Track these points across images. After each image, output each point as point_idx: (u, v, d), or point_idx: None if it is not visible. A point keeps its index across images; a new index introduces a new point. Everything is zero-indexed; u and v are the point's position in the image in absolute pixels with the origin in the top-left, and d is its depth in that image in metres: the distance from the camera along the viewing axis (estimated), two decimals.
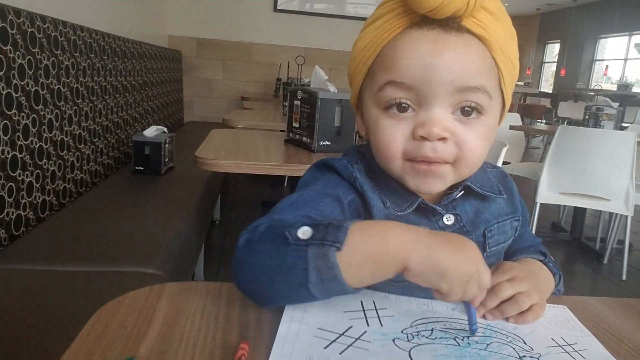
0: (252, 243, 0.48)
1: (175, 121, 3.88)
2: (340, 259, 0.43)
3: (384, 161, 0.55)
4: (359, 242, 0.44)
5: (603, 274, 2.56)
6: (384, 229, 0.46)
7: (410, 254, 0.44)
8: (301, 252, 0.43)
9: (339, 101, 1.58)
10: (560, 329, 0.51)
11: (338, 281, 0.43)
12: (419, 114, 0.52)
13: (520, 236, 0.65)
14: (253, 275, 0.47)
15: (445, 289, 0.44)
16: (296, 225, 0.45)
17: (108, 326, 0.45)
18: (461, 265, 0.44)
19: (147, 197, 1.86)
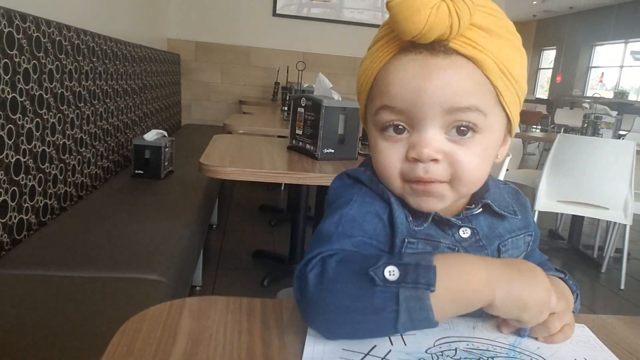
0: (327, 280, 0.46)
1: (173, 124, 3.87)
2: (432, 299, 0.44)
3: (385, 182, 0.56)
4: (448, 283, 0.45)
5: (601, 283, 2.57)
6: (466, 267, 0.47)
7: (495, 292, 0.46)
8: (390, 294, 0.44)
9: (343, 109, 1.58)
10: (583, 349, 0.51)
11: (429, 321, 0.45)
12: (412, 135, 0.53)
13: (531, 252, 0.65)
14: (333, 315, 0.46)
15: (526, 320, 0.48)
16: (379, 264, 0.45)
17: (133, 344, 0.45)
18: (539, 296, 0.47)
19: (147, 202, 1.85)
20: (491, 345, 0.50)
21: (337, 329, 0.47)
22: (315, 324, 0.48)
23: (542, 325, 0.51)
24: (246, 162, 1.46)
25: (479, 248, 0.58)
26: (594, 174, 2.37)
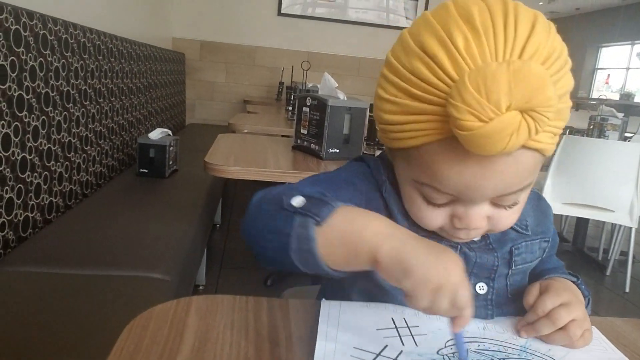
0: (261, 202, 0.50)
1: (177, 123, 3.87)
2: (318, 234, 0.44)
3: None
4: (339, 223, 0.45)
5: (606, 286, 2.55)
6: (367, 218, 0.46)
7: (382, 245, 0.43)
8: (289, 218, 0.45)
9: (349, 109, 1.58)
10: (594, 352, 0.51)
11: (314, 255, 0.44)
12: (457, 206, 0.51)
13: (548, 258, 0.64)
14: (254, 230, 0.50)
15: (408, 288, 0.42)
16: (295, 194, 0.47)
17: (140, 342, 0.45)
18: (430, 269, 0.41)
19: (152, 200, 1.85)
20: (502, 346, 0.50)
21: (254, 244, 0.50)
22: (244, 237, 0.51)
23: (564, 332, 0.51)
24: (251, 161, 1.46)
25: (488, 251, 0.58)
26: (599, 176, 2.36)
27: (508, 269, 0.59)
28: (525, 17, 0.45)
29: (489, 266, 0.57)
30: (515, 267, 0.59)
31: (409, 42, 0.48)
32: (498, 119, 0.40)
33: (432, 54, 0.45)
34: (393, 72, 0.50)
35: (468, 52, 0.44)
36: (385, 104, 0.51)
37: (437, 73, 0.45)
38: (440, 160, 0.47)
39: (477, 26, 0.44)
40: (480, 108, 0.40)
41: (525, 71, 0.40)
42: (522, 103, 0.40)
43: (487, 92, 0.40)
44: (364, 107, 1.61)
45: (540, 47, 0.44)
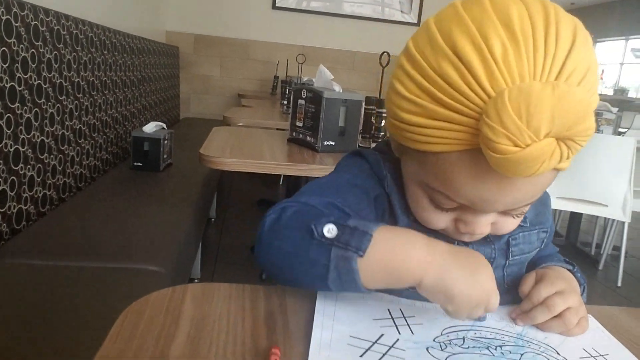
0: (279, 226, 0.49)
1: (171, 117, 3.85)
2: (360, 265, 0.44)
3: None
4: (381, 254, 0.44)
5: (598, 280, 2.58)
6: (406, 244, 0.46)
7: (425, 274, 0.44)
8: (324, 249, 0.44)
9: (344, 101, 1.57)
10: (591, 339, 0.51)
11: (355, 284, 0.44)
12: (464, 212, 0.51)
13: (544, 245, 0.64)
14: (275, 258, 0.49)
15: (450, 311, 0.45)
16: (322, 219, 0.46)
17: (136, 327, 0.44)
18: (471, 292, 0.44)
19: (146, 194, 1.84)
20: (499, 334, 0.50)
21: (278, 272, 0.50)
22: (262, 264, 0.51)
23: (559, 320, 0.51)
24: (246, 153, 1.45)
25: (485, 243, 0.57)
26: (593, 170, 2.37)
27: (505, 260, 0.59)
28: (567, 27, 0.42)
29: (487, 257, 0.57)
30: (513, 257, 0.60)
31: (438, 38, 0.44)
32: (534, 146, 0.38)
33: (466, 60, 0.42)
34: (417, 70, 0.46)
35: (506, 64, 0.41)
36: (404, 102, 0.47)
37: (471, 84, 0.41)
38: (458, 171, 0.46)
39: (516, 34, 0.41)
40: (518, 134, 0.38)
41: (570, 98, 0.38)
42: (562, 131, 0.38)
43: (528, 118, 0.38)
44: (359, 100, 1.61)
45: (579, 64, 0.42)
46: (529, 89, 0.38)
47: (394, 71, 0.50)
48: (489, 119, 0.39)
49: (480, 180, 0.45)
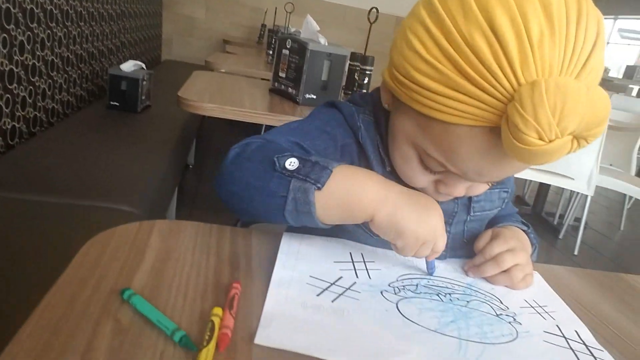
0: (242, 159, 0.50)
1: (152, 58, 3.74)
2: (317, 198, 0.45)
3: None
4: (338, 189, 0.46)
5: (557, 248, 2.69)
6: (363, 182, 0.47)
7: (378, 209, 0.46)
8: (284, 181, 0.46)
9: (329, 55, 1.55)
10: (533, 292, 0.55)
11: (311, 216, 0.46)
12: (448, 175, 0.51)
13: (505, 205, 0.67)
14: (236, 188, 0.50)
15: (399, 246, 0.48)
16: (286, 153, 0.47)
17: (100, 257, 0.46)
18: (419, 230, 0.47)
19: (122, 134, 1.82)
20: (450, 283, 0.53)
21: (237, 202, 0.51)
22: (220, 194, 0.52)
23: (507, 275, 0.54)
24: (226, 100, 1.44)
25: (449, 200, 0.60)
26: None
27: (467, 215, 0.62)
28: (594, 20, 0.42)
29: (449, 212, 0.60)
30: (474, 213, 0.62)
31: (473, 5, 0.41)
32: (557, 142, 0.39)
33: (503, 39, 0.40)
34: (442, 32, 0.43)
35: (540, 50, 0.39)
36: (421, 63, 0.44)
37: (503, 66, 0.40)
38: (464, 145, 0.45)
39: (553, 19, 0.40)
40: (548, 129, 0.38)
41: (600, 103, 0.38)
42: (583, 131, 0.39)
43: (562, 116, 0.38)
44: (344, 55, 1.59)
45: (599, 62, 0.42)
46: (565, 86, 0.38)
47: (410, 22, 0.46)
48: (523, 109, 0.38)
49: (483, 156, 0.45)
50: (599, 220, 3.37)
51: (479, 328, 0.45)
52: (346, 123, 0.59)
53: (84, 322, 0.36)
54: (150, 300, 0.40)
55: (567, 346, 0.45)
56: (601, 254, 2.75)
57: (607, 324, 0.52)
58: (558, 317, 0.50)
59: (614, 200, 3.91)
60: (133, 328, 0.37)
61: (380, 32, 4.28)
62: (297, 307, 0.43)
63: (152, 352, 0.35)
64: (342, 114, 0.59)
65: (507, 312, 0.49)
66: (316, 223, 0.47)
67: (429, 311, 0.46)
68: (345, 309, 0.44)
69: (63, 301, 0.38)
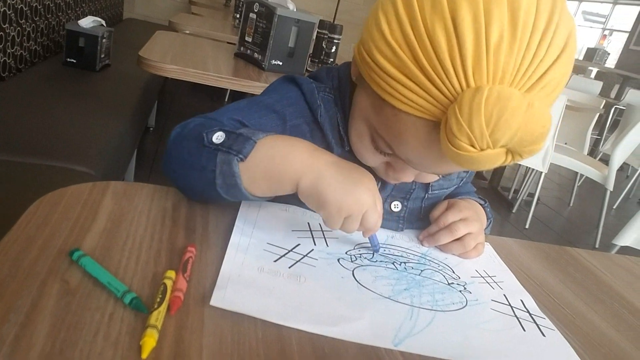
0: (180, 137, 0.51)
1: (112, 15, 3.56)
2: (242, 170, 0.46)
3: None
4: (262, 159, 0.47)
5: (510, 222, 2.80)
6: (288, 151, 0.47)
7: (302, 177, 0.46)
8: (212, 155, 0.47)
9: (297, 21, 1.52)
10: (484, 263, 0.57)
11: (239, 189, 0.47)
12: (398, 161, 0.51)
13: (464, 184, 0.68)
14: (174, 167, 0.51)
15: (323, 216, 0.47)
16: (215, 128, 0.48)
17: (49, 216, 0.44)
18: (343, 202, 0.45)
19: (79, 92, 1.74)
20: (405, 253, 0.54)
21: (176, 180, 0.53)
22: (166, 173, 0.53)
23: (459, 243, 0.56)
24: (189, 62, 1.39)
25: None
26: None
27: (425, 193, 0.63)
28: (563, 32, 0.41)
29: (407, 189, 0.60)
30: (432, 192, 0.63)
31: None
32: (488, 152, 0.39)
33: (460, 35, 0.39)
34: (408, 17, 0.42)
35: (496, 55, 0.38)
36: (383, 44, 0.43)
37: (456, 63, 0.39)
38: (409, 134, 0.44)
39: (517, 23, 0.39)
40: (480, 139, 0.38)
41: (537, 122, 0.38)
42: (516, 147, 0.39)
43: (495, 128, 0.37)
44: (312, 22, 1.56)
45: (557, 77, 0.41)
46: (507, 98, 0.37)
47: (382, 3, 0.45)
48: (460, 114, 0.38)
49: (425, 149, 0.44)
50: (551, 196, 3.52)
51: (431, 296, 0.47)
52: (304, 101, 0.57)
53: (30, 282, 0.35)
54: (101, 263, 0.39)
55: (512, 314, 0.48)
56: (550, 228, 2.88)
57: (551, 294, 0.55)
58: (505, 287, 0.52)
59: (565, 177, 4.08)
60: (81, 289, 0.36)
61: (350, 1, 4.21)
62: (254, 272, 0.43)
63: (101, 313, 0.34)
64: (301, 91, 0.57)
65: (458, 282, 0.51)
66: (246, 196, 0.47)
67: (384, 279, 0.47)
68: (302, 275, 0.45)
69: (7, 260, 0.37)
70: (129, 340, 0.32)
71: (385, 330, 0.40)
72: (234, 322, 0.37)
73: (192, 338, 0.34)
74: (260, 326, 0.37)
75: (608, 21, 9.78)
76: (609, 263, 0.68)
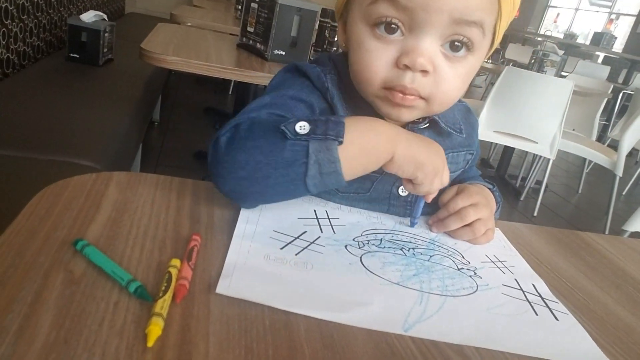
0: (240, 140, 0.46)
1: (115, 10, 3.55)
2: (340, 153, 0.45)
3: (361, 84, 0.53)
4: (356, 136, 0.46)
5: (518, 209, 2.78)
6: (373, 125, 0.48)
7: (397, 146, 0.48)
8: (300, 147, 0.44)
9: (299, 10, 1.50)
10: (494, 248, 0.56)
11: (337, 174, 0.45)
12: (407, 39, 0.49)
13: (469, 168, 0.67)
14: (244, 173, 0.45)
15: (420, 179, 0.50)
16: (290, 120, 0.45)
17: (53, 207, 0.43)
18: (434, 160, 0.50)
19: (83, 87, 1.74)
20: (414, 238, 0.53)
21: (248, 187, 0.46)
22: (227, 185, 0.47)
23: (469, 229, 0.55)
24: (191, 53, 1.38)
25: None
26: (531, 108, 2.46)
27: None
28: None
29: None
30: None
31: None
32: None
33: None
34: None
35: None
36: None
37: None
38: None
39: None
40: None
41: None
42: None
43: None
44: (315, 10, 1.54)
45: None
46: None
47: None
48: None
49: None
50: (559, 183, 3.49)
51: (441, 281, 0.46)
52: (314, 87, 0.57)
53: (33, 272, 0.35)
54: (105, 252, 0.38)
55: (524, 298, 0.47)
56: (559, 215, 2.86)
57: (563, 278, 0.54)
58: (516, 272, 0.51)
59: (573, 164, 4.04)
60: (86, 279, 0.35)
61: None
62: (260, 259, 0.42)
63: (106, 302, 0.34)
64: (309, 78, 0.57)
65: (468, 267, 0.50)
66: (340, 182, 0.46)
67: (392, 265, 0.47)
68: (309, 262, 0.44)
69: (11, 251, 0.36)
70: (135, 328, 0.32)
71: (395, 316, 0.39)
72: (241, 309, 0.36)
73: (198, 326, 0.34)
74: (267, 313, 0.36)
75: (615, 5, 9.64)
76: (623, 247, 0.67)
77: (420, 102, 0.52)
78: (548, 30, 9.47)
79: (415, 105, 0.52)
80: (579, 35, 9.21)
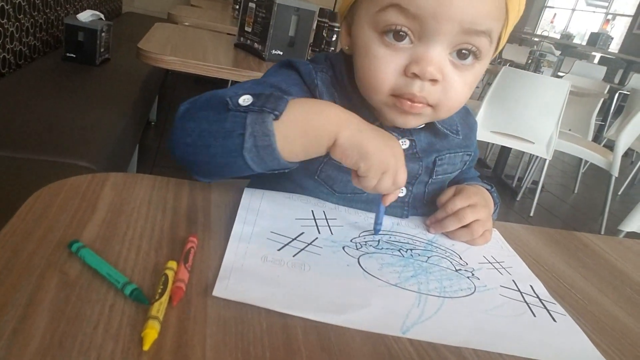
0: (193, 110, 0.49)
1: (112, 9, 3.54)
2: (277, 128, 0.44)
3: (368, 90, 0.53)
4: (297, 114, 0.45)
5: (514, 210, 2.79)
6: (322, 106, 0.48)
7: (342, 129, 0.46)
8: (239, 118, 0.44)
9: (297, 10, 1.50)
10: (491, 249, 0.56)
11: (272, 150, 0.44)
12: (416, 48, 0.49)
13: (467, 169, 0.67)
14: (190, 139, 0.47)
15: (362, 170, 0.46)
16: (239, 92, 0.46)
17: (48, 209, 0.43)
18: (383, 153, 0.46)
19: (79, 87, 1.73)
20: (411, 239, 0.53)
21: (193, 156, 0.48)
22: (176, 151, 0.49)
23: (467, 230, 0.55)
24: (189, 53, 1.38)
25: (415, 159, 0.59)
26: (527, 108, 2.47)
27: (428, 178, 0.61)
28: None
29: (413, 173, 0.59)
30: (436, 177, 0.62)
31: None
32: None
33: None
34: None
35: None
36: None
37: None
38: None
39: None
40: None
41: None
42: None
43: None
44: (312, 10, 1.54)
45: None
46: None
47: None
48: None
49: None
50: (555, 183, 3.50)
51: (439, 283, 0.46)
52: (303, 82, 0.56)
53: (27, 274, 0.34)
54: (101, 254, 0.38)
55: (522, 300, 0.47)
56: (555, 215, 2.86)
57: (561, 279, 0.54)
58: (514, 273, 0.51)
59: (569, 164, 4.06)
60: (81, 281, 0.35)
61: None
62: (257, 261, 0.42)
63: (101, 305, 0.33)
64: (298, 73, 0.57)
65: (465, 268, 0.50)
66: (278, 159, 0.45)
67: (390, 266, 0.46)
68: (306, 264, 0.44)
69: (5, 253, 0.36)
70: (130, 332, 0.32)
71: (393, 318, 0.39)
72: (238, 312, 0.36)
73: (195, 328, 0.33)
74: (264, 316, 0.36)
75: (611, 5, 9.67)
76: (620, 247, 0.67)
77: (428, 109, 0.52)
78: (545, 30, 9.50)
79: (423, 113, 0.52)
80: (575, 35, 9.24)
